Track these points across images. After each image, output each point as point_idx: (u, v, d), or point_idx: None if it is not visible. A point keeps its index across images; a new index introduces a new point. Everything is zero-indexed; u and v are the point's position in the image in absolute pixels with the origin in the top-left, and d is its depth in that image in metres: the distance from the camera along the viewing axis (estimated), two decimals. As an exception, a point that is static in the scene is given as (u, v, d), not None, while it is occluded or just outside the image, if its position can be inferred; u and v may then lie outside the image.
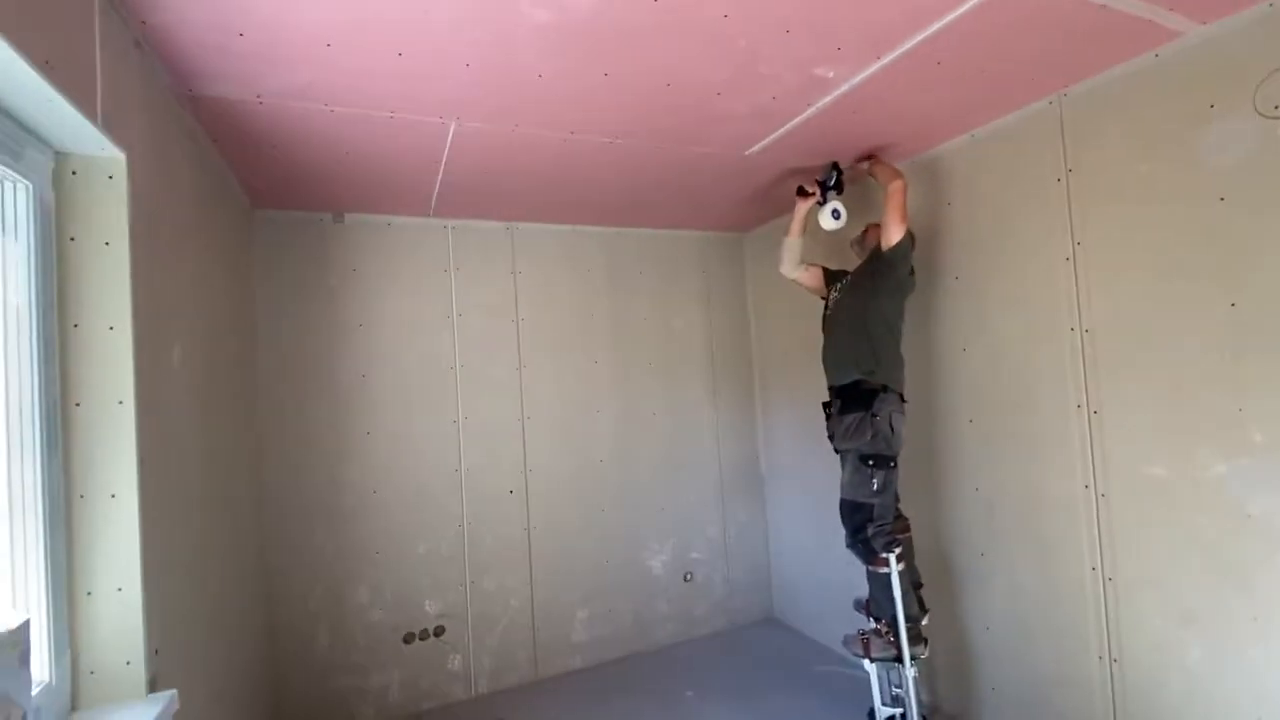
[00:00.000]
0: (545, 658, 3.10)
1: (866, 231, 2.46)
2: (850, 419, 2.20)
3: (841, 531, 2.31)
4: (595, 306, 3.33)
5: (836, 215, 2.37)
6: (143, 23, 1.38)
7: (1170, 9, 1.57)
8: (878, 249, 2.27)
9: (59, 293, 1.27)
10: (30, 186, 1.21)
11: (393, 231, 2.93)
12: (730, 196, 2.96)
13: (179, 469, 1.61)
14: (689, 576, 3.45)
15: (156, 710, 1.26)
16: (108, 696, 1.28)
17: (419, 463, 2.90)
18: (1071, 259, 2.00)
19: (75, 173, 1.30)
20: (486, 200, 2.81)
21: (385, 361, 2.88)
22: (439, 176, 2.45)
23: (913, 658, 2.17)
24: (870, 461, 2.16)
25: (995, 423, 2.27)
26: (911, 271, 2.26)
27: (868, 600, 2.36)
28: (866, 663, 2.25)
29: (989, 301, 2.27)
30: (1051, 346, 2.07)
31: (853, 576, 2.57)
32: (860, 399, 2.19)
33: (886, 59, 1.72)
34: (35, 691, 1.12)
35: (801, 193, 2.49)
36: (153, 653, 1.35)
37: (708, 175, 2.63)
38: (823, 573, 3.18)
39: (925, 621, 2.29)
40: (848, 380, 2.25)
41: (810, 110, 2.03)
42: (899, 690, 2.27)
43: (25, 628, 1.04)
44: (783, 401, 3.45)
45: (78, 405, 1.28)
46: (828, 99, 1.95)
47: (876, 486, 2.15)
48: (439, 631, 2.89)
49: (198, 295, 1.85)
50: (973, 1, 1.48)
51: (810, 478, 3.21)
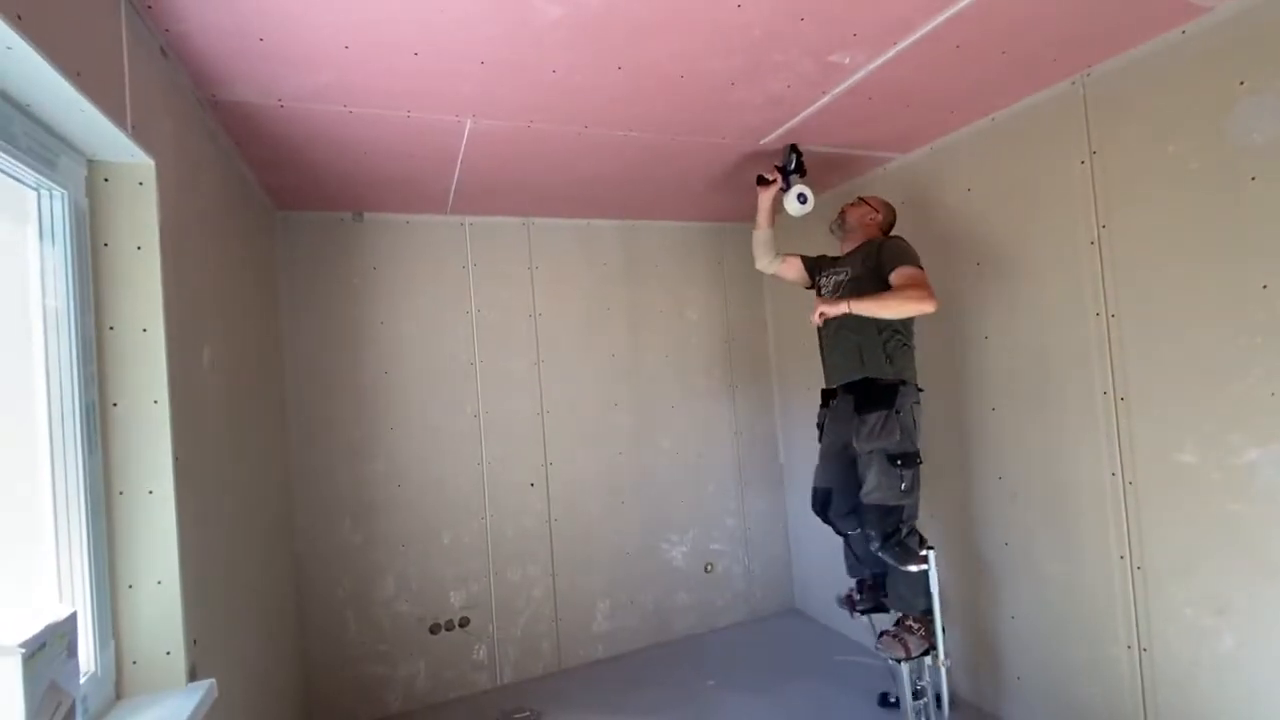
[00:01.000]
0: (568, 647, 3.13)
1: (844, 212, 2.37)
2: (874, 418, 2.09)
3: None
4: (612, 300, 3.34)
5: (803, 199, 2.28)
6: (167, 30, 1.42)
7: (1198, -17, 1.53)
8: (879, 251, 2.16)
9: (95, 296, 1.31)
10: (66, 194, 1.24)
11: (411, 229, 2.97)
12: (745, 187, 2.93)
13: (212, 465, 1.65)
14: (710, 567, 3.46)
15: (197, 698, 1.30)
16: (150, 685, 1.33)
17: (441, 457, 2.95)
18: (1096, 242, 1.96)
19: (107, 180, 1.33)
20: (503, 196, 2.83)
21: (407, 358, 2.92)
22: (456, 174, 2.48)
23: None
24: (899, 461, 2.06)
25: (1019, 410, 2.24)
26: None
27: (854, 596, 2.38)
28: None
29: (1012, 287, 2.23)
30: (1077, 332, 2.03)
31: (874, 566, 2.56)
32: (881, 396, 2.10)
33: (904, 43, 1.69)
34: (82, 680, 1.16)
35: (762, 181, 2.39)
36: (192, 643, 1.40)
37: (722, 166, 2.62)
38: (842, 562, 3.16)
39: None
40: (856, 379, 2.16)
41: (825, 98, 2.01)
42: (922, 683, 2.26)
43: (72, 619, 1.08)
44: (801, 390, 3.42)
45: (115, 405, 1.32)
46: (843, 86, 1.93)
47: (905, 486, 2.07)
48: (464, 622, 2.95)
49: (225, 296, 1.89)
50: (992, -18, 1.45)
51: (830, 468, 3.19)
